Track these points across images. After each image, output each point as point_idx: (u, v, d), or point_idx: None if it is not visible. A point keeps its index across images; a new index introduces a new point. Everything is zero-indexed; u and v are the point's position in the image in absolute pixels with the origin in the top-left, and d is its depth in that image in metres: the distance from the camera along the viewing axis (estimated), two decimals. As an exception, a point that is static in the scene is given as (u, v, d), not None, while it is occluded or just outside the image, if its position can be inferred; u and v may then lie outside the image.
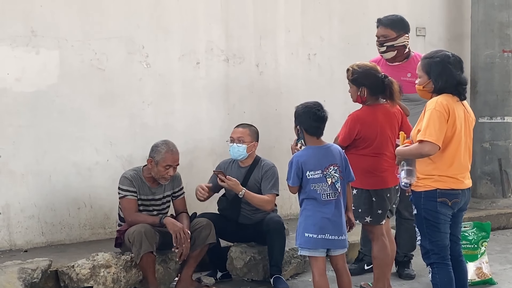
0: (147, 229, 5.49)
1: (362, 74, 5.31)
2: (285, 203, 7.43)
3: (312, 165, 4.91)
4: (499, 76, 8.73)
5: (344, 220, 4.96)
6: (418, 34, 8.82)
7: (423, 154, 4.59)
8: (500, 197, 8.85)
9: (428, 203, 4.67)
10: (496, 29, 8.70)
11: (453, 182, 4.65)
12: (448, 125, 4.59)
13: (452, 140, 4.62)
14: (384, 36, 6.20)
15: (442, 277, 4.70)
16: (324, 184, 4.89)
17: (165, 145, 5.76)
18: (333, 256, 4.97)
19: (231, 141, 6.10)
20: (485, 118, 8.76)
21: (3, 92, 6.35)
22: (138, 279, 5.63)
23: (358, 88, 5.31)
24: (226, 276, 6.19)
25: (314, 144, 4.98)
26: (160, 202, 5.85)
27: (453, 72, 4.67)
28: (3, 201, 6.40)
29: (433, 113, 4.57)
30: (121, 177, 5.80)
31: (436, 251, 4.71)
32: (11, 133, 6.40)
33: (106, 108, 6.84)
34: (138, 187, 5.73)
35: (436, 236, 4.69)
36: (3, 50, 6.34)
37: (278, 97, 7.90)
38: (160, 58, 7.14)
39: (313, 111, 4.96)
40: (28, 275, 5.29)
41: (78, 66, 6.68)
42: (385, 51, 6.22)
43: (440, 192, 4.64)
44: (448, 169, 4.64)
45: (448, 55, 4.74)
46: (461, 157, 4.67)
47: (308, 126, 4.97)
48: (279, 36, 7.92)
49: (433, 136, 4.53)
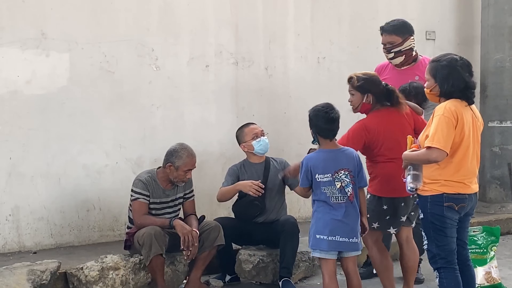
0: (157, 232, 5.50)
1: (367, 80, 5.31)
2: (293, 206, 7.43)
3: (322, 169, 4.93)
4: (509, 80, 8.71)
5: (357, 223, 4.96)
6: (428, 38, 8.81)
7: (431, 160, 4.58)
8: (509, 202, 8.81)
9: (434, 208, 4.66)
10: (507, 33, 8.68)
11: (460, 187, 4.63)
12: (456, 131, 4.57)
13: (460, 145, 4.60)
14: (390, 43, 6.21)
15: (450, 281, 4.67)
16: (333, 187, 4.90)
17: (185, 150, 5.77)
18: (344, 258, 4.98)
19: (254, 138, 6.11)
20: (495, 122, 8.74)
21: (13, 95, 6.38)
22: (146, 282, 5.64)
23: (363, 95, 5.30)
24: (234, 279, 6.20)
25: (328, 147, 5.00)
26: (172, 204, 5.87)
27: (460, 76, 4.63)
28: (13, 203, 6.43)
29: (441, 119, 4.56)
30: (135, 180, 5.81)
31: (442, 256, 4.69)
32: (21, 135, 6.43)
33: (115, 111, 6.86)
34: (152, 190, 5.75)
35: (442, 241, 4.67)
36: (14, 53, 6.37)
37: (287, 101, 7.91)
38: (169, 61, 7.16)
39: (322, 114, 4.97)
40: (37, 276, 5.31)
41: (88, 69, 6.71)
42: (394, 57, 6.23)
43: (447, 197, 4.62)
44: (455, 174, 4.62)
45: (456, 58, 4.71)
46: (469, 162, 4.65)
47: (320, 129, 4.99)
48: (288, 39, 7.93)
49: (441, 142, 4.51)
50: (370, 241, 5.40)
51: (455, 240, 4.72)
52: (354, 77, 5.33)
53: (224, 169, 6.48)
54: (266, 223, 6.10)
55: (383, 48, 6.28)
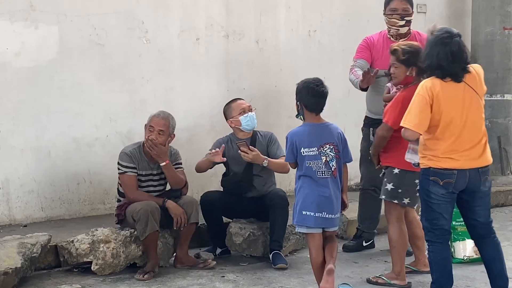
0: (153, 208, 5.51)
1: (413, 54, 5.13)
2: (284, 179, 7.42)
3: (307, 142, 4.91)
4: (499, 53, 8.73)
5: (338, 199, 4.96)
6: (418, 11, 8.77)
7: (406, 139, 4.69)
8: (499, 175, 8.87)
9: (423, 181, 4.70)
10: (497, 6, 8.68)
11: (446, 162, 4.59)
12: (434, 108, 4.55)
13: (440, 121, 4.58)
14: (404, 10, 6.10)
15: (436, 255, 4.70)
16: (319, 161, 4.88)
17: (156, 112, 5.79)
18: (324, 231, 4.99)
19: (241, 113, 6.10)
20: (485, 96, 8.69)
21: (2, 67, 6.34)
22: (137, 255, 5.65)
23: (407, 68, 5.17)
24: (225, 252, 6.22)
25: (313, 121, 4.97)
26: (158, 177, 5.85)
27: (435, 53, 4.55)
28: (3, 176, 6.42)
29: (415, 98, 4.59)
30: (121, 153, 5.79)
31: (430, 229, 4.71)
32: (10, 108, 6.40)
33: (105, 84, 6.83)
34: (137, 162, 5.73)
35: (430, 215, 4.69)
36: (2, 25, 6.32)
37: (278, 74, 7.89)
38: (159, 34, 7.12)
39: (312, 86, 4.94)
40: (28, 249, 5.31)
41: (77, 41, 6.67)
42: (404, 25, 6.12)
43: (433, 171, 4.62)
44: (440, 149, 4.59)
45: (437, 35, 4.61)
46: (456, 137, 4.59)
47: (307, 102, 4.96)
48: (279, 12, 7.90)
49: (412, 121, 4.55)
50: (394, 218, 5.32)
51: (446, 217, 4.69)
52: (399, 50, 5.19)
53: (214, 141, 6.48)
54: (255, 197, 6.11)
55: (394, 14, 6.08)
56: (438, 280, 4.71)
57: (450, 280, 4.72)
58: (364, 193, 6.36)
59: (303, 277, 5.56)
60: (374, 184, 6.20)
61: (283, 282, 5.48)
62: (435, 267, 4.71)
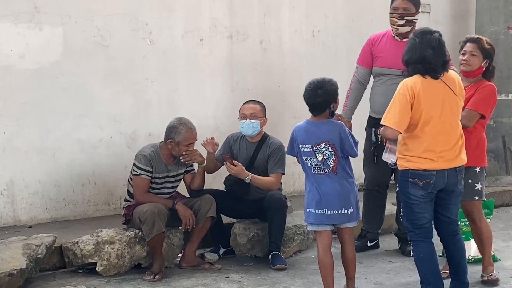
0: (160, 210, 5.53)
1: (493, 48, 5.38)
2: (288, 180, 7.45)
3: (303, 139, 4.91)
4: (503, 53, 8.70)
5: (349, 195, 4.93)
6: (422, 11, 8.69)
7: (386, 137, 4.75)
8: (503, 174, 8.85)
9: (402, 183, 4.74)
10: (501, 5, 8.67)
11: (426, 163, 4.61)
12: (414, 107, 4.57)
13: (420, 121, 4.59)
14: (405, 9, 6.07)
15: (419, 254, 4.76)
16: (314, 158, 4.87)
17: (183, 124, 5.74)
18: (340, 229, 4.97)
19: (242, 118, 6.09)
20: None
21: (6, 69, 6.35)
22: (142, 255, 5.66)
23: (484, 59, 5.31)
24: (229, 252, 6.22)
25: (312, 119, 4.95)
26: (173, 179, 5.87)
27: (415, 51, 4.63)
28: (8, 178, 6.43)
29: (395, 97, 4.64)
30: (139, 154, 5.76)
31: (411, 229, 4.77)
32: (15, 110, 6.41)
33: (109, 85, 6.84)
34: (155, 166, 5.72)
35: (411, 215, 4.73)
36: (6, 27, 6.33)
37: (282, 74, 7.89)
38: (163, 35, 7.13)
39: (307, 90, 4.89)
40: (33, 250, 5.32)
41: (81, 43, 6.68)
42: (403, 25, 6.10)
43: (412, 173, 4.64)
44: (419, 150, 4.61)
45: (416, 32, 4.74)
46: (436, 137, 4.61)
47: (306, 103, 4.95)
48: (283, 13, 7.90)
49: (391, 120, 4.59)
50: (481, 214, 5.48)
51: (427, 216, 4.72)
52: (483, 39, 5.35)
53: (219, 143, 6.46)
54: (255, 200, 6.10)
55: (394, 13, 6.07)
56: (425, 277, 4.76)
57: (437, 277, 4.75)
58: (368, 194, 6.36)
59: (308, 278, 5.56)
60: (377, 184, 6.21)
61: (287, 282, 5.48)
62: (420, 265, 4.77)
